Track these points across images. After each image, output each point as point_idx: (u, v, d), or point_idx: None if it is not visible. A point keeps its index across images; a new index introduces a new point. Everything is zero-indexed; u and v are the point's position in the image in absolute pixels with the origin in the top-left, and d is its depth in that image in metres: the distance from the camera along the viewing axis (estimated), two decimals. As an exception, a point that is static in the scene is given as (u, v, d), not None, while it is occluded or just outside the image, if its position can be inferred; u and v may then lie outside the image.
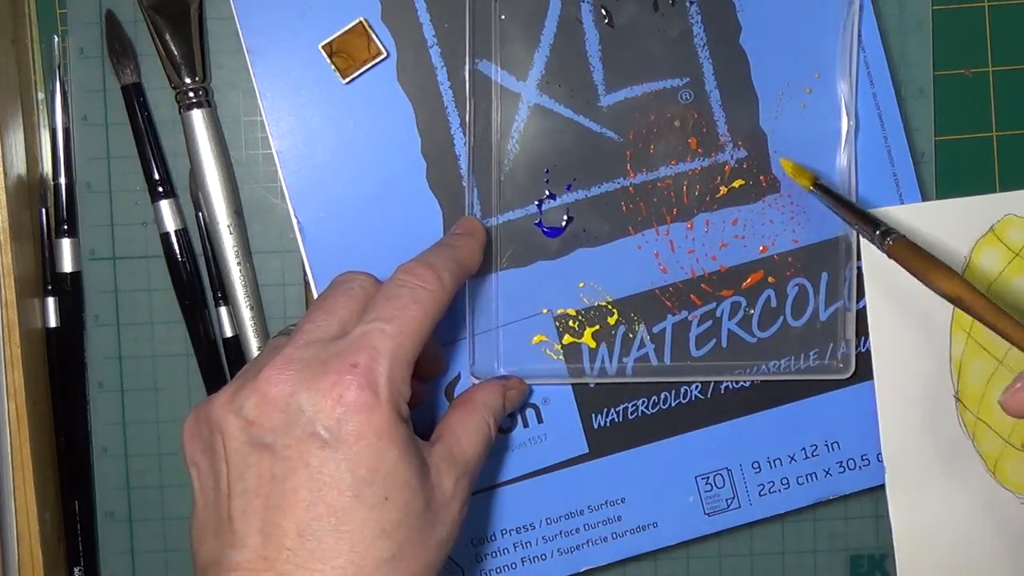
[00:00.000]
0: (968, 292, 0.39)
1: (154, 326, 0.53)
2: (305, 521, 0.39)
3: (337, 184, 0.50)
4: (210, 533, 0.41)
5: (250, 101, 0.52)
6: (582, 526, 0.52)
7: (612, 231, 0.51)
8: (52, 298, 0.53)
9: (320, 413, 0.39)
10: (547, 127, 0.50)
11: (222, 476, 0.41)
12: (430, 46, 0.50)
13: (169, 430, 0.54)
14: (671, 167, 0.51)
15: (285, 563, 0.39)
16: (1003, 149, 0.53)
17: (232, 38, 0.52)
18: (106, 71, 0.52)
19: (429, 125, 0.50)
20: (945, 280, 0.40)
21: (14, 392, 0.50)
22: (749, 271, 0.51)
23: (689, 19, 0.50)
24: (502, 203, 0.50)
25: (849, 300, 0.51)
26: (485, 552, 0.52)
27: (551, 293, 0.51)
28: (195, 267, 0.53)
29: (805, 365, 0.51)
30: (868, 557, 0.55)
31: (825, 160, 0.51)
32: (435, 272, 0.44)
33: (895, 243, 0.44)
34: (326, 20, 0.50)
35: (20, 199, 0.51)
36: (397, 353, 0.41)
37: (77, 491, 0.53)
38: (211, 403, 0.41)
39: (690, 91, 0.51)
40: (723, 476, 0.52)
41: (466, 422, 0.46)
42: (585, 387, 0.52)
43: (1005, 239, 0.50)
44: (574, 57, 0.50)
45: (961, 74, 0.53)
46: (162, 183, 0.52)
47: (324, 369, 0.40)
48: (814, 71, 0.50)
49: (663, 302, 0.51)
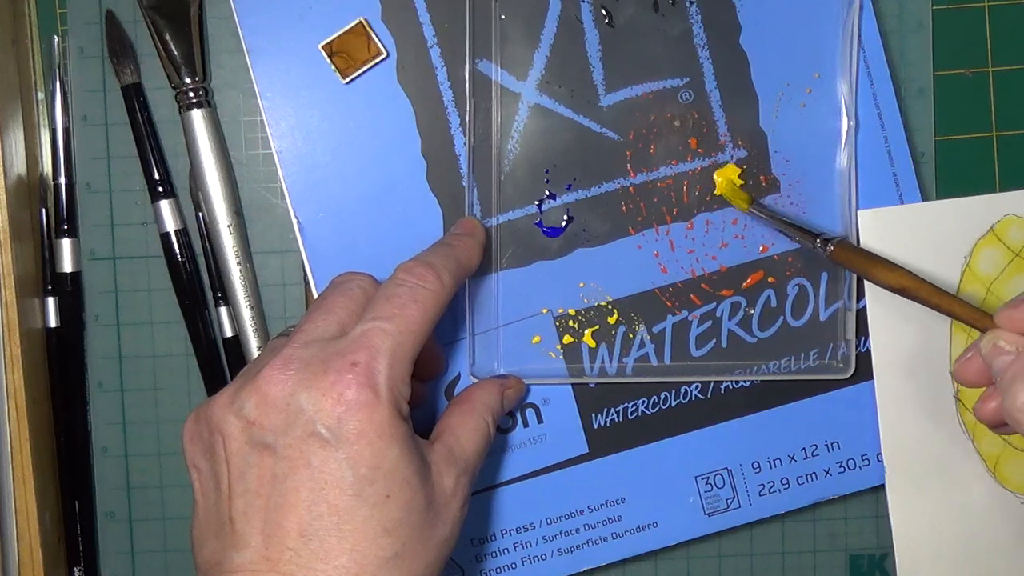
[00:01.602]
0: (911, 281, 0.42)
1: (154, 326, 0.53)
2: (307, 521, 0.39)
3: (337, 184, 0.50)
4: (211, 535, 0.41)
5: (250, 101, 0.52)
6: (582, 526, 0.52)
7: (612, 231, 0.51)
8: (52, 298, 0.53)
9: (321, 412, 0.39)
10: (547, 127, 0.50)
11: (223, 477, 0.41)
12: (430, 46, 0.50)
13: (169, 430, 0.54)
14: (671, 167, 0.51)
15: (287, 563, 0.39)
16: (1003, 149, 0.53)
17: (232, 38, 0.52)
18: (106, 71, 0.52)
19: (429, 125, 0.50)
20: (887, 273, 0.43)
21: (14, 392, 0.50)
22: (749, 271, 0.51)
23: (689, 19, 0.50)
24: (502, 203, 0.50)
25: (849, 300, 0.51)
26: (485, 552, 0.52)
27: (551, 293, 0.51)
28: (195, 267, 0.53)
29: (805, 365, 0.51)
30: (868, 557, 0.55)
31: (825, 160, 0.51)
32: (435, 271, 0.44)
33: (836, 247, 0.45)
34: (326, 20, 0.50)
35: (20, 199, 0.51)
36: (397, 352, 0.41)
37: (77, 491, 0.53)
38: (211, 404, 0.41)
39: (690, 91, 0.51)
40: (723, 476, 0.52)
41: (465, 421, 0.46)
42: (585, 387, 0.52)
43: (1005, 239, 0.50)
44: (574, 57, 0.50)
45: (961, 74, 0.53)
46: (162, 183, 0.52)
47: (324, 368, 0.40)
48: (814, 71, 0.50)
49: (663, 302, 0.51)
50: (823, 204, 0.51)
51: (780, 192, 0.51)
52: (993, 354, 0.41)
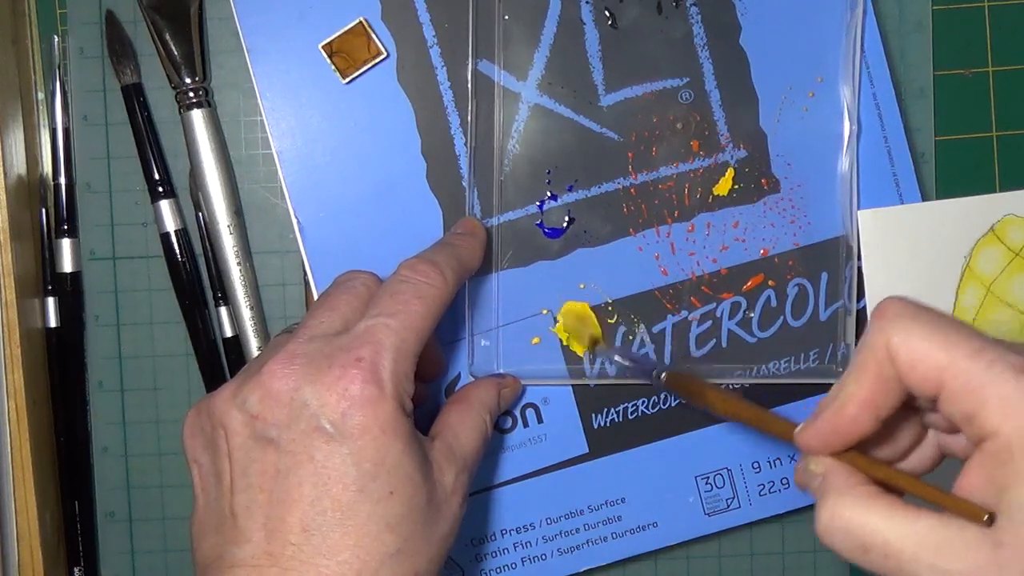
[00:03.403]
0: (742, 407, 0.40)
1: (154, 326, 0.53)
2: (310, 516, 0.39)
3: (337, 184, 0.50)
4: (211, 529, 0.41)
5: (250, 101, 0.52)
6: (582, 526, 0.52)
7: (613, 232, 0.51)
8: (52, 298, 0.53)
9: (325, 407, 0.39)
10: (548, 127, 0.50)
11: (224, 472, 0.40)
12: (430, 46, 0.50)
13: (169, 430, 0.54)
14: (672, 168, 0.51)
15: (290, 559, 0.38)
16: (1003, 149, 0.53)
17: (232, 38, 0.52)
18: (106, 71, 0.52)
19: (429, 125, 0.50)
20: (719, 400, 0.41)
21: (14, 392, 0.50)
22: (749, 274, 0.51)
23: (689, 19, 0.50)
24: (503, 203, 0.50)
25: (849, 300, 0.51)
26: (485, 552, 0.52)
27: (551, 293, 0.51)
28: (195, 267, 0.53)
29: (805, 366, 0.51)
30: (868, 557, 0.55)
31: (827, 164, 0.51)
32: (438, 268, 0.44)
33: (667, 376, 0.45)
34: (326, 20, 0.50)
35: (20, 199, 0.51)
36: (401, 348, 0.41)
37: (77, 491, 0.53)
38: (213, 399, 0.41)
39: (690, 91, 0.51)
40: (723, 476, 0.52)
41: (464, 419, 0.46)
42: (585, 387, 0.52)
43: (1005, 239, 0.51)
44: (574, 57, 0.50)
45: (961, 74, 0.53)
46: (162, 183, 0.52)
47: (329, 363, 0.40)
48: (817, 75, 0.50)
49: (663, 303, 0.51)
50: (824, 206, 0.51)
51: (781, 194, 0.51)
52: (808, 479, 0.36)
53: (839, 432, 0.35)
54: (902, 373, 0.33)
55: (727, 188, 0.51)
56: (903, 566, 0.32)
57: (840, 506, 0.34)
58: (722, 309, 0.51)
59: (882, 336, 0.34)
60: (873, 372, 0.34)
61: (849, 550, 0.33)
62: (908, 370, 0.33)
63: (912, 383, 0.33)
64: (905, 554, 0.32)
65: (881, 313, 0.34)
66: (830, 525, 0.34)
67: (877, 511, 0.33)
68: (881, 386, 0.34)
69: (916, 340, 0.33)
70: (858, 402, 0.34)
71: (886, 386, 0.34)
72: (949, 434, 0.37)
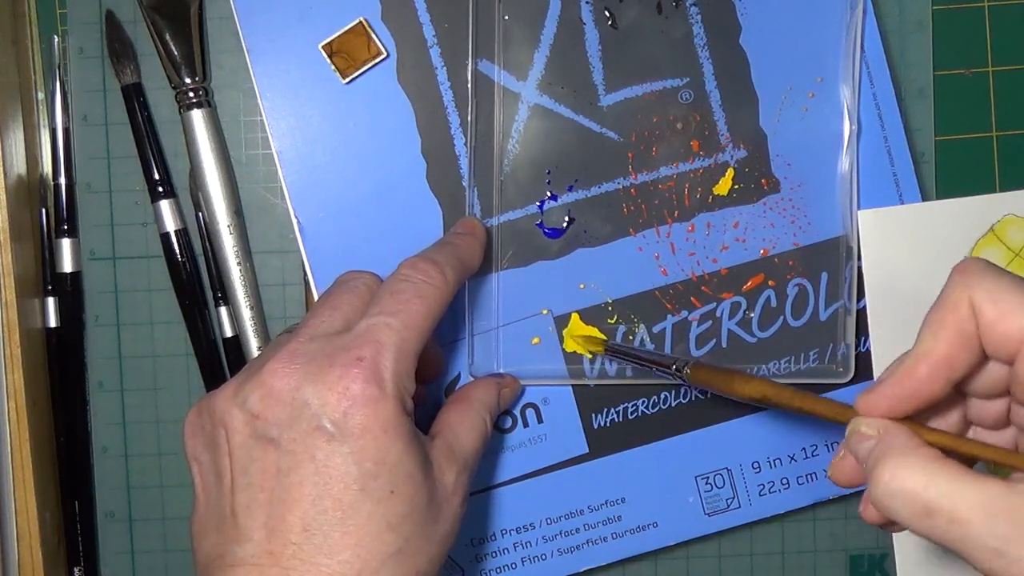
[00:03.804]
0: (770, 388, 0.39)
1: (154, 326, 0.53)
2: (311, 515, 0.39)
3: (337, 184, 0.50)
4: (212, 528, 0.41)
5: (250, 101, 0.52)
6: (582, 526, 0.52)
7: (613, 232, 0.51)
8: (52, 298, 0.53)
9: (326, 406, 0.39)
10: (548, 127, 0.50)
11: (225, 471, 0.40)
12: (430, 46, 0.50)
13: (169, 430, 0.54)
14: (672, 168, 0.51)
15: (291, 558, 0.38)
16: (1003, 149, 0.53)
17: (232, 38, 0.52)
18: (106, 71, 0.52)
19: (429, 125, 0.50)
20: (745, 385, 0.40)
21: (14, 392, 0.50)
22: (749, 274, 0.51)
23: (689, 19, 0.50)
24: (503, 203, 0.50)
25: (849, 300, 0.51)
26: (485, 552, 0.52)
27: (551, 293, 0.51)
28: (195, 267, 0.53)
29: (805, 366, 0.51)
30: (868, 557, 0.55)
31: (826, 165, 0.51)
32: (438, 267, 0.44)
33: (692, 368, 0.44)
34: (326, 20, 0.50)
35: (20, 199, 0.51)
36: (402, 347, 0.41)
37: (77, 491, 0.53)
38: (214, 397, 0.41)
39: (690, 91, 0.51)
40: (723, 476, 0.52)
41: (463, 418, 0.46)
42: (585, 387, 0.52)
43: (1005, 239, 0.50)
44: (574, 57, 0.50)
45: (961, 74, 0.53)
46: (162, 183, 0.52)
47: (330, 363, 0.40)
48: (817, 75, 0.50)
49: (663, 303, 0.51)
50: (824, 206, 0.51)
51: (781, 194, 0.51)
52: (856, 442, 0.35)
53: (908, 394, 0.34)
54: (984, 329, 0.32)
55: (727, 188, 0.51)
56: (968, 532, 0.31)
57: (903, 466, 0.32)
58: (722, 309, 0.51)
59: (965, 291, 0.33)
60: (952, 328, 0.33)
61: (909, 515, 0.32)
62: (990, 327, 0.32)
63: (991, 341, 0.32)
64: (973, 521, 0.30)
65: (963, 269, 0.33)
66: (890, 487, 0.32)
67: (944, 475, 0.31)
68: (960, 344, 0.33)
69: (1003, 294, 0.32)
70: (933, 361, 0.33)
71: (965, 344, 0.33)
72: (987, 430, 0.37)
